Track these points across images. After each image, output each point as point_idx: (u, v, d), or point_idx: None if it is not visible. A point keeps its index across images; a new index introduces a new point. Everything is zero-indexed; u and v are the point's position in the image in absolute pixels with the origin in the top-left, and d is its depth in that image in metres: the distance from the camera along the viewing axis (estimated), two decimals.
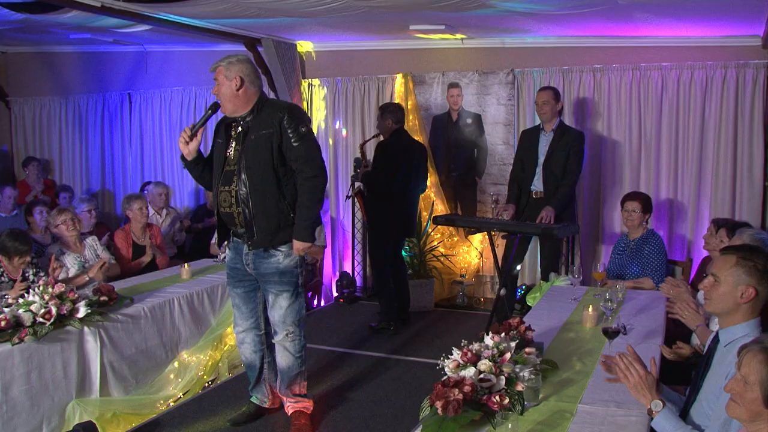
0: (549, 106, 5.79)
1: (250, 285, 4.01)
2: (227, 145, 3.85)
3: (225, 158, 3.84)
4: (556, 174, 5.76)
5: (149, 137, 8.68)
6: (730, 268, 2.59)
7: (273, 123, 3.73)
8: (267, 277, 3.87)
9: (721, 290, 2.61)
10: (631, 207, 5.21)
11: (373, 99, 7.61)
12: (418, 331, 6.19)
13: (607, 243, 6.76)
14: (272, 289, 3.89)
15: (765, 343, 2.08)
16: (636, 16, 5.68)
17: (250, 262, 3.88)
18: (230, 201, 3.80)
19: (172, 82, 8.46)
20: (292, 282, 3.89)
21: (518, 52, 7.13)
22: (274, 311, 3.93)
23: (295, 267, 3.89)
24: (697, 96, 6.43)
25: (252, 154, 3.73)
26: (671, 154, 6.56)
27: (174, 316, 4.71)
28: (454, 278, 7.29)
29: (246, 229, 3.80)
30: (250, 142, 3.75)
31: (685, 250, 6.54)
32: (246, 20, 6.18)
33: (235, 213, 3.80)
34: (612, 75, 6.71)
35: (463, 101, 7.29)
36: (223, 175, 3.83)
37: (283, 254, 3.84)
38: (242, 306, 4.06)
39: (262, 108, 3.81)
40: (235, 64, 3.81)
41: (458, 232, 7.27)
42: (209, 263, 5.84)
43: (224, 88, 3.80)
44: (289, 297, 3.89)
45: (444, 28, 6.49)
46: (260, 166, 3.73)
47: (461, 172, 7.37)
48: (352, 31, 6.99)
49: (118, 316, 4.27)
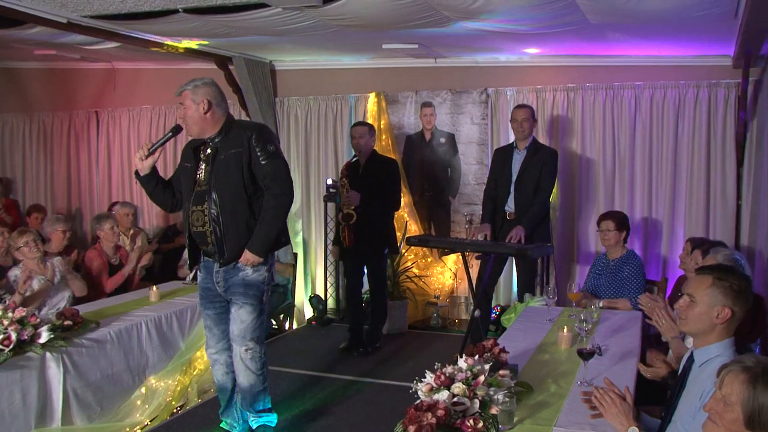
0: (528, 124, 5.82)
1: (221, 306, 4.06)
2: (197, 167, 3.94)
3: (195, 180, 3.93)
4: (528, 193, 5.77)
5: (117, 156, 8.59)
6: (706, 289, 2.61)
7: (242, 142, 3.82)
8: (234, 288, 3.94)
9: (696, 310, 2.62)
10: (606, 226, 5.25)
11: (346, 118, 7.61)
12: (392, 353, 6.17)
13: (582, 263, 6.79)
14: (237, 301, 3.95)
15: (746, 363, 2.09)
16: (608, 36, 5.74)
17: (220, 279, 3.96)
18: (203, 220, 3.89)
19: (141, 100, 8.40)
20: (256, 296, 3.95)
21: (492, 71, 7.17)
22: (234, 325, 3.97)
23: (261, 282, 3.95)
24: (670, 115, 6.51)
25: (222, 173, 3.83)
26: (645, 173, 6.62)
27: (141, 340, 4.63)
28: (427, 299, 7.28)
29: (217, 247, 3.89)
30: (219, 162, 3.83)
31: (660, 269, 6.58)
32: (217, 39, 6.17)
33: (207, 232, 3.89)
34: (585, 94, 6.77)
35: (437, 120, 7.31)
36: (194, 195, 3.91)
37: (252, 269, 3.92)
38: (214, 328, 4.10)
39: (230, 128, 3.90)
40: (201, 87, 3.88)
41: (432, 252, 7.26)
42: (178, 285, 5.78)
43: (191, 111, 3.86)
44: (251, 311, 3.94)
45: (417, 47, 6.51)
46: (230, 185, 3.82)
47: (435, 192, 7.38)
48: (324, 49, 6.99)
49: (82, 341, 4.17)
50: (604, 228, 5.26)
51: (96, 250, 5.89)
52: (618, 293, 5.08)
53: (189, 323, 5.07)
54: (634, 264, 5.13)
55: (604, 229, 5.25)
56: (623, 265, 5.15)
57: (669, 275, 6.26)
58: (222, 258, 3.90)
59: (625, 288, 5.06)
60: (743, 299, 2.60)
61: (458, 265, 7.20)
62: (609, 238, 5.23)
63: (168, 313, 4.90)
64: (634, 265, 5.12)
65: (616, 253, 5.25)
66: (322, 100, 7.68)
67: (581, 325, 3.58)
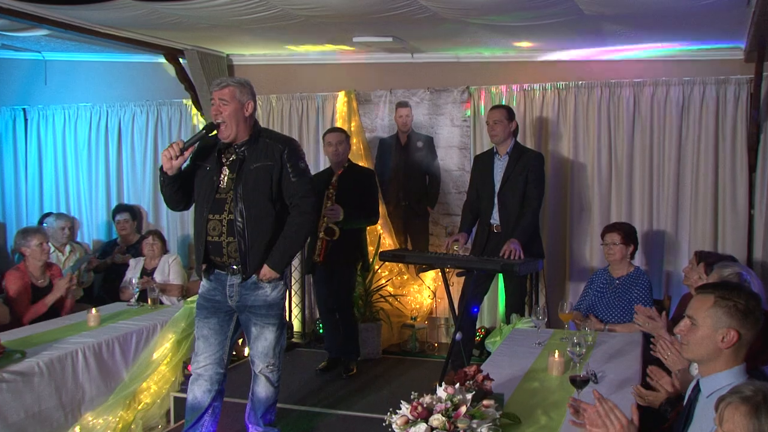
0: (501, 126, 5.80)
1: (225, 316, 4.30)
2: (218, 172, 4.13)
3: (215, 186, 4.12)
4: (513, 203, 5.75)
5: (50, 161, 8.50)
6: (707, 309, 2.60)
7: (274, 155, 4.08)
8: (254, 309, 4.20)
9: (699, 334, 2.61)
10: (611, 239, 5.27)
11: (312, 119, 7.61)
12: (363, 381, 6.14)
13: (575, 280, 6.82)
14: (258, 321, 4.22)
15: (744, 393, 2.09)
16: (605, 28, 5.79)
17: (235, 294, 4.19)
18: (220, 230, 4.10)
19: (78, 97, 8.34)
20: (278, 314, 4.27)
21: (474, 67, 7.19)
22: (258, 343, 4.26)
23: (281, 299, 4.29)
24: (673, 115, 6.54)
25: (251, 184, 4.06)
26: (645, 180, 6.65)
27: (77, 372, 4.56)
28: (403, 321, 7.25)
29: (240, 261, 4.10)
30: (249, 172, 4.07)
31: (662, 286, 6.62)
32: (166, 31, 6.14)
33: (224, 243, 4.10)
34: (578, 92, 6.80)
35: (413, 122, 7.32)
36: (212, 203, 4.11)
37: (270, 286, 4.19)
38: (212, 338, 4.29)
39: (259, 137, 4.15)
40: (247, 87, 4.14)
41: (408, 269, 7.26)
42: (122, 307, 5.73)
43: (234, 110, 4.06)
44: (275, 329, 4.26)
45: (391, 40, 6.52)
46: (259, 198, 4.07)
47: (411, 202, 7.37)
48: (288, 43, 6.98)
49: (3, 375, 4.07)
50: (609, 241, 5.27)
51: (18, 270, 5.71)
52: (623, 317, 5.07)
53: (134, 350, 5.03)
54: (644, 285, 5.14)
55: (609, 243, 5.26)
56: (632, 285, 5.15)
57: (672, 293, 6.26)
58: (244, 273, 4.12)
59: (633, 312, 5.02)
60: (751, 320, 2.58)
61: (437, 283, 7.19)
62: (614, 253, 5.24)
63: (109, 339, 4.84)
64: (643, 286, 5.13)
65: (621, 270, 5.26)
66: (286, 100, 7.68)
67: (574, 349, 3.56)
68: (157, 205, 8.09)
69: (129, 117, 8.20)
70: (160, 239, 6.49)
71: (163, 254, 6.45)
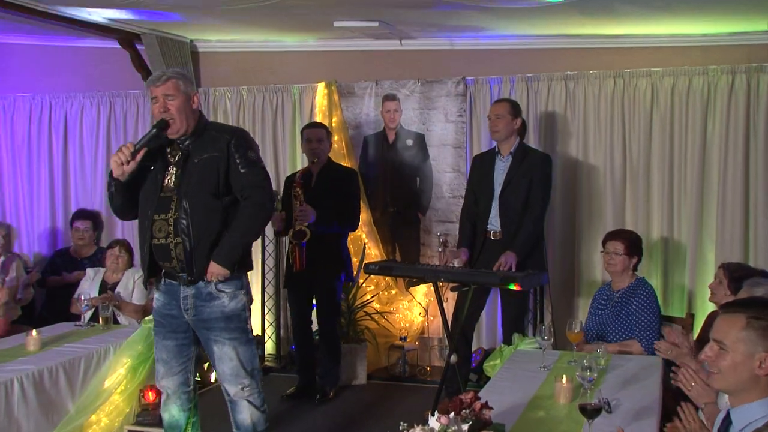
0: (503, 122, 5.81)
1: (184, 337, 4.31)
2: (164, 171, 4.19)
3: (160, 185, 4.17)
4: (515, 208, 5.77)
5: None
6: (738, 332, 2.58)
7: (220, 146, 4.13)
8: (210, 323, 4.18)
9: (730, 361, 2.59)
10: (612, 248, 5.24)
11: (288, 114, 7.60)
12: (345, 410, 6.18)
13: (585, 295, 6.78)
14: (217, 337, 4.19)
15: None
16: (618, 10, 5.79)
17: (190, 306, 4.18)
18: (167, 230, 4.12)
19: (14, 87, 8.24)
20: (239, 328, 4.21)
21: (471, 55, 7.19)
22: (223, 365, 4.22)
23: (242, 310, 4.24)
24: (696, 109, 6.52)
25: (195, 179, 4.11)
26: (665, 183, 6.63)
27: (12, 405, 4.40)
28: (391, 342, 7.24)
29: (186, 263, 4.11)
30: (193, 166, 4.13)
31: (684, 302, 6.60)
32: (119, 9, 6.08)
33: (171, 244, 4.12)
34: (588, 84, 6.79)
35: (402, 117, 7.31)
36: (157, 202, 4.14)
37: (228, 296, 4.17)
38: (172, 361, 4.32)
39: (204, 129, 4.23)
40: (189, 78, 4.28)
41: (397, 283, 7.26)
42: (68, 328, 5.63)
43: (180, 103, 4.10)
44: (238, 345, 4.20)
45: (377, 25, 6.51)
46: (204, 193, 4.10)
47: (400, 207, 7.39)
48: (260, 27, 6.95)
49: None
50: (610, 250, 5.25)
51: None
52: (627, 334, 5.07)
53: (82, 378, 4.91)
54: (644, 294, 5.11)
55: (611, 252, 5.24)
56: (631, 296, 5.14)
57: (697, 311, 6.23)
58: (191, 276, 4.10)
59: (634, 326, 5.03)
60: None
61: (430, 299, 7.19)
62: (615, 264, 5.23)
63: (53, 366, 4.71)
64: (644, 295, 5.11)
65: (622, 282, 5.25)
66: (258, 92, 7.66)
67: (584, 373, 3.56)
68: (110, 213, 7.84)
69: (77, 110, 8.12)
70: (127, 251, 6.46)
71: (128, 268, 6.41)
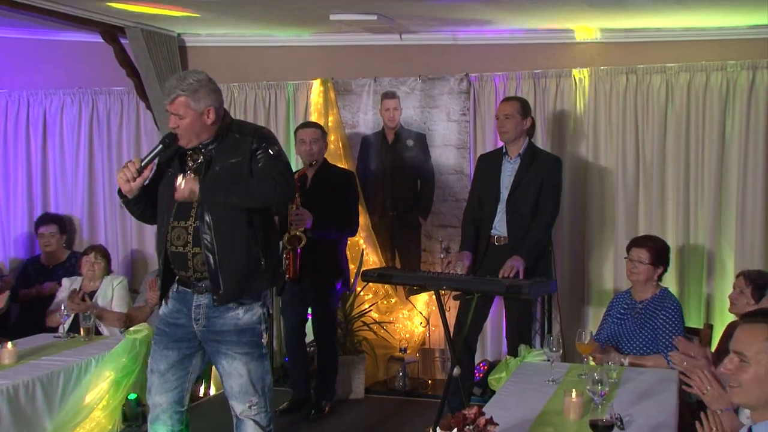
0: (512, 122, 5.80)
1: (188, 348, 4.24)
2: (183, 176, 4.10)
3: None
4: (523, 214, 5.77)
5: None
6: (762, 343, 2.60)
7: (242, 150, 4.08)
8: (221, 336, 4.13)
9: (752, 373, 2.61)
10: (637, 255, 5.22)
11: (282, 112, 7.59)
12: (342, 425, 6.18)
13: (596, 304, 6.80)
14: (228, 351, 4.14)
15: None
16: (630, 2, 5.77)
17: (201, 316, 4.14)
18: (185, 239, 4.09)
19: None
20: (253, 342, 4.17)
21: (475, 50, 7.19)
22: (231, 381, 4.16)
23: (257, 323, 4.19)
24: (714, 107, 6.50)
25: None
26: (680, 186, 6.62)
27: None
28: (391, 353, 7.25)
29: (210, 280, 4.08)
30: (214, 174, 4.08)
31: (701, 312, 6.58)
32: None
33: (189, 254, 4.09)
34: (599, 81, 6.78)
35: (402, 116, 7.31)
36: (176, 207, 4.10)
37: (244, 308, 4.14)
38: (168, 374, 4.23)
39: (228, 131, 4.16)
40: (200, 88, 4.03)
41: (396, 291, 7.25)
42: (47, 340, 5.60)
43: (190, 122, 4.03)
44: (250, 361, 4.15)
45: (376, 18, 6.50)
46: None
47: (400, 211, 7.38)
48: (252, 21, 6.94)
49: None
50: (635, 257, 5.22)
51: None
52: (648, 347, 5.06)
53: (61, 393, 4.88)
54: (670, 308, 5.11)
55: (635, 260, 5.22)
56: (656, 309, 5.12)
57: (715, 321, 6.24)
58: (216, 293, 4.06)
59: (660, 341, 5.01)
60: None
61: (431, 308, 7.17)
62: (639, 273, 5.21)
63: (29, 380, 4.68)
64: (670, 309, 5.10)
65: (646, 292, 5.23)
66: (250, 89, 7.65)
67: (595, 387, 3.59)
68: (93, 216, 8.01)
69: (56, 107, 8.10)
70: (103, 257, 6.45)
71: (106, 275, 6.40)
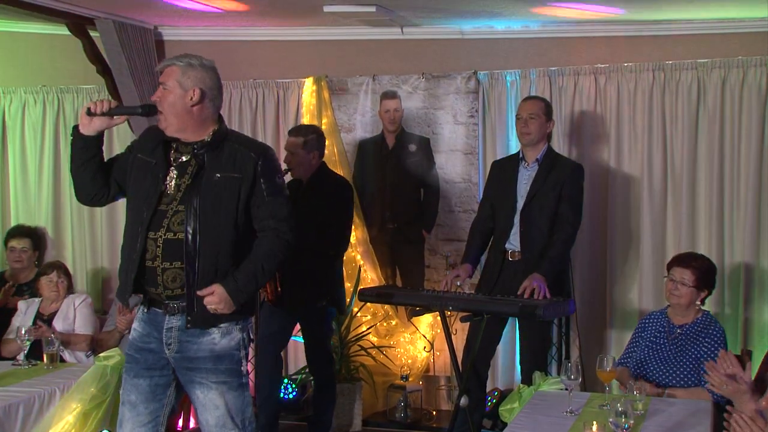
0: (536, 124, 5.75)
1: (161, 377, 4.15)
2: (165, 172, 4.07)
3: (159, 190, 4.04)
4: (539, 226, 5.72)
5: None
6: None
7: (245, 166, 4.05)
8: (195, 363, 4.06)
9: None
10: (680, 276, 5.13)
11: (270, 114, 7.59)
12: None
13: (619, 327, 6.78)
14: (203, 380, 4.07)
15: None
16: None
17: (173, 340, 4.07)
18: (154, 252, 4.00)
19: None
20: (231, 370, 4.10)
21: (484, 46, 7.19)
22: (207, 413, 4.10)
23: (236, 349, 4.12)
24: (752, 107, 6.47)
25: (212, 199, 4.01)
26: (714, 195, 6.59)
27: None
28: (391, 381, 7.19)
29: (185, 297, 4.00)
30: (210, 183, 4.02)
31: (738, 337, 6.51)
32: None
33: (158, 269, 3.99)
34: (623, 78, 6.76)
35: (404, 118, 7.28)
36: (154, 214, 4.01)
37: (220, 332, 4.07)
38: (140, 405, 4.15)
39: (224, 140, 4.11)
40: (196, 68, 4.03)
41: (397, 312, 7.21)
42: (5, 368, 5.50)
43: (174, 97, 3.99)
44: (227, 391, 4.09)
45: (374, 10, 6.48)
46: (221, 217, 4.02)
47: (401, 224, 7.33)
48: (238, 12, 6.90)
49: None
50: (677, 278, 5.13)
51: None
52: (688, 378, 4.98)
53: (20, 428, 4.79)
54: (715, 335, 5.04)
55: (678, 280, 5.12)
56: (699, 335, 5.06)
57: (754, 347, 6.19)
58: (191, 314, 4.00)
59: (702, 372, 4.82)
60: None
61: (436, 331, 7.13)
62: (681, 296, 5.12)
63: None
64: (716, 336, 5.03)
65: (687, 317, 5.16)
66: (235, 88, 7.64)
67: (619, 420, 3.57)
68: (58, 228, 7.97)
69: (17, 108, 8.08)
70: (66, 275, 6.34)
71: (68, 295, 6.30)
